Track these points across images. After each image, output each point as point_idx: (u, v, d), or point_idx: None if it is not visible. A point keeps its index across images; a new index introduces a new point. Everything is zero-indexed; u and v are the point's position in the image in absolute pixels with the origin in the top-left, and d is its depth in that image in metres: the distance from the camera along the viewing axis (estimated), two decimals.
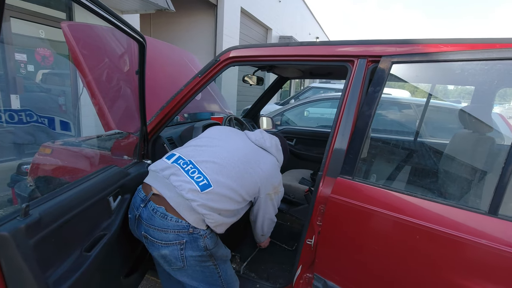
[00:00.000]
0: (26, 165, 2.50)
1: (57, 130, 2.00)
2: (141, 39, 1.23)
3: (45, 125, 2.04)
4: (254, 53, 1.57)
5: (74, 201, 0.98)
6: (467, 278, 0.97)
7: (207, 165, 1.21)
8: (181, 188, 1.13)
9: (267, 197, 1.36)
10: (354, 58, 1.34)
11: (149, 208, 1.16)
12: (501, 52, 1.02)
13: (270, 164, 1.38)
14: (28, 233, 0.76)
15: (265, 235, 1.57)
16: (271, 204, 1.40)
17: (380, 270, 1.17)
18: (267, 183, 1.34)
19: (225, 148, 1.31)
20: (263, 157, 1.38)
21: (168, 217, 1.12)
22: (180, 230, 1.11)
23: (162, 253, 1.14)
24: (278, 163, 1.45)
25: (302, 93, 7.62)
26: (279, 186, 1.41)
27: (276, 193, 1.40)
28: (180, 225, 1.11)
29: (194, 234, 1.13)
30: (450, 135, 2.28)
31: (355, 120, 1.29)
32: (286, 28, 12.78)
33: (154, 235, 1.13)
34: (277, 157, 1.45)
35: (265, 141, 1.44)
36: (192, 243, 1.13)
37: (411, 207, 1.09)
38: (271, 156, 1.42)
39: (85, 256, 1.01)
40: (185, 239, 1.12)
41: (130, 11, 5.12)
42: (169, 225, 1.11)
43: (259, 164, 1.33)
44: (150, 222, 1.14)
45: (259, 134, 1.47)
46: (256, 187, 1.30)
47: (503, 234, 0.93)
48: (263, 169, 1.33)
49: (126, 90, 1.85)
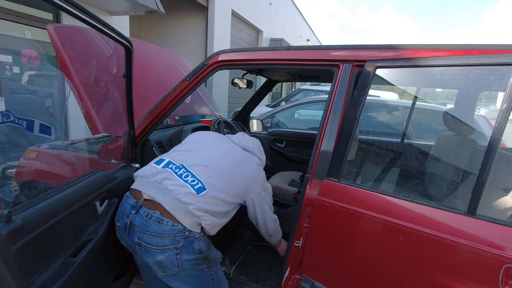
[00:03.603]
0: (11, 169, 2.45)
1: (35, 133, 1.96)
2: (127, 43, 1.23)
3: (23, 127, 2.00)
4: (242, 57, 1.58)
5: (59, 206, 0.97)
6: (449, 277, 1.00)
7: (199, 169, 1.22)
8: (177, 192, 1.13)
9: (259, 196, 1.39)
10: (339, 62, 1.37)
11: (141, 214, 1.13)
12: (478, 58, 1.06)
13: (255, 164, 1.42)
14: (10, 240, 0.75)
15: (273, 236, 1.54)
16: (265, 202, 1.42)
17: (366, 271, 1.19)
18: (255, 182, 1.37)
19: (213, 151, 1.33)
20: (248, 158, 1.42)
21: (164, 221, 1.10)
22: (176, 234, 1.10)
23: (158, 259, 1.12)
24: (261, 162, 1.50)
25: (293, 95, 7.68)
26: (265, 183, 1.45)
27: (265, 190, 1.43)
28: (176, 229, 1.10)
29: (190, 237, 1.13)
30: (436, 136, 2.34)
31: (341, 123, 1.31)
32: (277, 31, 12.86)
33: (150, 241, 1.11)
34: (260, 157, 1.50)
35: (248, 143, 1.47)
36: (187, 247, 1.13)
37: (395, 209, 1.11)
38: (254, 157, 1.46)
39: (70, 262, 1.00)
40: (181, 243, 1.12)
41: (119, 13, 5.07)
42: (165, 229, 1.10)
43: (245, 165, 1.36)
44: (144, 229, 1.11)
45: (241, 136, 1.50)
46: (245, 187, 1.32)
47: (481, 233, 0.96)
48: (249, 170, 1.36)
49: (114, 93, 1.83)
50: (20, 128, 3.74)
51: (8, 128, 3.57)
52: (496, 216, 0.99)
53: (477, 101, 1.95)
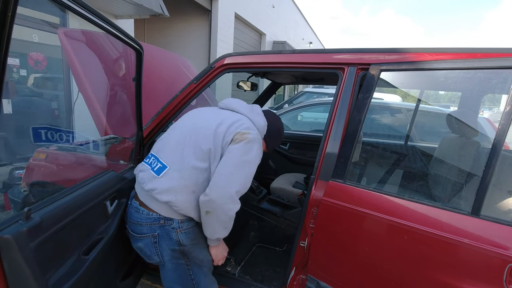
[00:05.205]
0: (19, 170, 2.49)
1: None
2: (138, 47, 1.27)
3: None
4: (248, 60, 1.61)
5: (73, 205, 1.00)
6: (454, 277, 1.02)
7: (164, 150, 1.23)
8: (143, 182, 1.20)
9: (230, 149, 1.15)
10: (344, 65, 1.40)
11: (131, 205, 1.27)
12: (482, 61, 1.08)
13: (232, 117, 1.24)
14: (29, 236, 0.78)
15: (218, 227, 1.16)
16: (230, 157, 1.13)
17: (371, 271, 1.21)
18: (225, 133, 1.17)
19: (185, 125, 1.27)
20: (224, 114, 1.26)
21: (140, 210, 1.19)
22: (152, 222, 1.17)
23: (138, 245, 1.23)
24: (248, 120, 1.27)
25: (296, 98, 7.70)
26: (245, 132, 1.18)
27: (239, 140, 1.15)
28: (151, 217, 1.17)
29: (165, 226, 1.16)
30: (439, 138, 2.35)
31: (346, 125, 1.33)
32: (280, 34, 12.92)
33: (132, 228, 1.24)
34: (249, 116, 1.28)
35: (231, 104, 1.33)
36: (165, 236, 1.17)
37: (399, 209, 1.13)
38: (234, 113, 1.28)
39: (82, 259, 1.03)
40: (157, 231, 1.17)
41: (124, 16, 5.14)
42: (141, 218, 1.19)
43: (216, 121, 1.21)
44: (129, 217, 1.25)
45: (230, 100, 1.35)
46: (210, 143, 1.16)
47: (485, 233, 0.98)
48: (222, 122, 1.20)
49: (122, 95, 1.87)
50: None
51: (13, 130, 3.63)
52: (500, 217, 1.01)
53: (481, 104, 1.97)
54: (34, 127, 1.75)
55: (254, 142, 1.18)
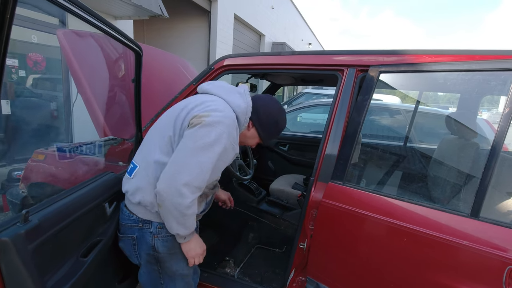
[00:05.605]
0: (18, 171, 2.48)
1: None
2: (137, 49, 1.27)
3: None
4: (247, 61, 1.61)
5: (71, 207, 1.00)
6: (453, 278, 1.02)
7: (137, 152, 1.21)
8: (122, 185, 1.21)
9: (187, 132, 1.02)
10: (343, 67, 1.40)
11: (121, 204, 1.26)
12: (481, 63, 1.09)
13: (200, 99, 1.12)
14: (27, 239, 0.78)
15: (180, 218, 1.03)
16: (181, 144, 1.02)
17: (370, 272, 1.20)
18: (188, 114, 1.06)
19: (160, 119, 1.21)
20: (195, 98, 1.15)
21: (123, 211, 1.20)
22: (132, 224, 1.17)
23: (120, 244, 1.24)
24: (222, 101, 1.12)
25: (295, 99, 7.70)
26: (203, 114, 1.03)
27: (194, 124, 1.01)
28: (132, 219, 1.16)
29: (144, 229, 1.15)
30: (438, 140, 2.36)
31: (345, 126, 1.33)
32: (279, 35, 12.93)
33: (119, 227, 1.25)
34: (224, 97, 1.13)
35: (205, 86, 1.20)
36: (141, 239, 1.16)
37: (399, 211, 1.13)
38: (209, 96, 1.15)
39: (81, 262, 1.02)
40: (136, 234, 1.17)
41: (124, 17, 5.14)
42: (124, 218, 1.19)
43: (181, 106, 1.12)
44: (119, 217, 1.25)
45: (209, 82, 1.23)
46: (170, 130, 1.08)
47: (484, 235, 0.98)
48: (184, 107, 1.10)
49: (121, 96, 1.87)
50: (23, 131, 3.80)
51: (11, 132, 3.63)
52: (499, 219, 1.01)
53: (480, 105, 1.97)
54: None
55: (214, 125, 1.00)
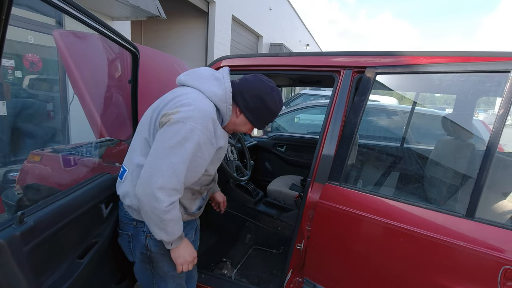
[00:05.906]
0: (13, 172, 2.46)
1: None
2: (134, 50, 1.26)
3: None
4: (245, 62, 1.61)
5: (67, 208, 0.99)
6: (449, 279, 1.02)
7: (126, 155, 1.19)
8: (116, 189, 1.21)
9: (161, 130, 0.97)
10: (340, 68, 1.41)
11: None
12: (476, 65, 1.09)
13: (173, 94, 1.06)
14: (23, 240, 0.77)
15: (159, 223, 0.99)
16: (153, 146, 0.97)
17: (367, 273, 1.21)
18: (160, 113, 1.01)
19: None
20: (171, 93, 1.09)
21: (121, 208, 1.20)
22: (128, 222, 1.17)
23: (118, 240, 1.24)
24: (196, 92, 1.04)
25: (293, 100, 7.72)
26: (172, 111, 0.96)
27: (163, 123, 0.96)
28: (128, 217, 1.17)
29: (137, 227, 1.15)
30: (434, 141, 2.37)
31: (342, 127, 1.34)
32: (277, 36, 12.96)
33: (118, 222, 1.24)
34: (198, 87, 1.04)
35: (181, 77, 1.12)
36: (136, 237, 1.17)
37: (395, 212, 1.14)
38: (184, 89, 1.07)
39: (77, 263, 1.02)
40: (131, 231, 1.17)
41: (121, 18, 5.12)
42: (121, 215, 1.20)
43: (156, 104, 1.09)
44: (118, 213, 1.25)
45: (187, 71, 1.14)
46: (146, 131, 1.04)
47: (480, 235, 0.99)
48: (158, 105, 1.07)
49: (118, 97, 1.86)
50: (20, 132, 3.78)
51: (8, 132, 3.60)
52: (494, 219, 1.02)
53: (475, 106, 1.99)
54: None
55: (183, 121, 0.93)
